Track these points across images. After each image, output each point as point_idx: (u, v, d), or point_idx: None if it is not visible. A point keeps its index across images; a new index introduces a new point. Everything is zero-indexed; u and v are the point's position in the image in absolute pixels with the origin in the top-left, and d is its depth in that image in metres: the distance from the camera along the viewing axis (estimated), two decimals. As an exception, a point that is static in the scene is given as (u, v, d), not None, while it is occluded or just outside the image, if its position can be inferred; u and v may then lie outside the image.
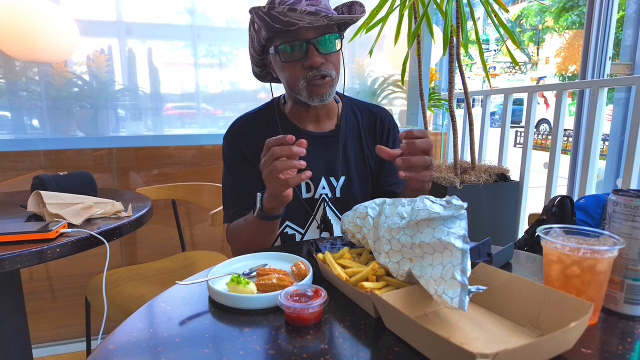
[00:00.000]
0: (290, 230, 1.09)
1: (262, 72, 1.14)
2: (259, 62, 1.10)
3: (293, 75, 0.99)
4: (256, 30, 0.99)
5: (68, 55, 1.87)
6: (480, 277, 0.64)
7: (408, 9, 1.89)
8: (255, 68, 1.13)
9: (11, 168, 1.84)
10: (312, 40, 0.95)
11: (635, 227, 0.59)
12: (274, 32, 0.96)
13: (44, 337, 1.98)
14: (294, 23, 0.91)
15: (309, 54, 0.95)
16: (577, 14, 12.48)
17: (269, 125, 1.12)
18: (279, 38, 0.97)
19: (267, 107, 1.16)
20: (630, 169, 1.51)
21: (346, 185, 1.11)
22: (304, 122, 1.11)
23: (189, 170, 2.06)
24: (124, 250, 2.04)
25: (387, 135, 1.16)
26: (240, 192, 1.10)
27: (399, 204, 0.70)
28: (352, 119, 1.15)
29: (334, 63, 1.00)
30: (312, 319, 0.58)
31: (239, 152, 1.10)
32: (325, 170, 1.10)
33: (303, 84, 0.99)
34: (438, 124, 2.88)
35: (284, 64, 0.99)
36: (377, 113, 1.17)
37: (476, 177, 1.87)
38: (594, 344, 0.53)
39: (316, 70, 0.97)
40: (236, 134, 1.12)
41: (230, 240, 1.10)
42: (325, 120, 1.12)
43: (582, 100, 2.65)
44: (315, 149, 1.09)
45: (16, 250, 0.88)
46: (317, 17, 0.90)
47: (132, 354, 0.53)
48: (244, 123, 1.13)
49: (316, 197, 1.09)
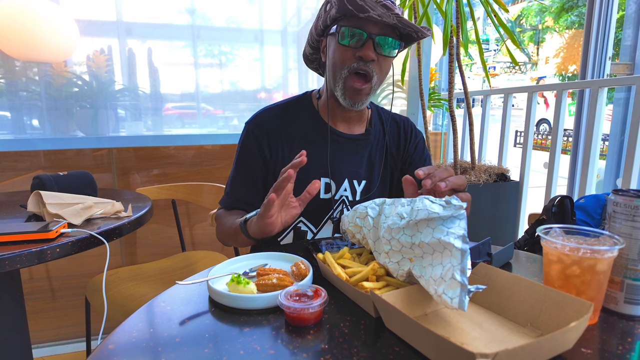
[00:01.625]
0: (304, 227, 1.09)
1: (312, 56, 1.15)
2: (314, 43, 1.10)
3: (342, 59, 0.99)
4: (327, 10, 1.00)
5: (68, 55, 1.87)
6: (480, 277, 0.64)
7: (408, 9, 1.89)
8: (308, 48, 1.13)
9: (11, 168, 1.84)
10: (373, 35, 0.95)
11: (635, 227, 0.59)
12: (343, 12, 0.96)
13: (44, 337, 1.98)
14: (366, 10, 0.92)
15: (366, 46, 0.96)
16: (576, 14, 12.48)
17: (301, 118, 1.10)
18: (345, 21, 0.97)
19: (299, 100, 1.15)
20: (630, 169, 1.51)
21: (366, 190, 1.11)
22: (335, 120, 1.10)
23: (189, 170, 2.06)
24: (124, 250, 2.04)
25: (409, 142, 1.17)
26: (238, 183, 1.10)
27: (399, 204, 0.70)
28: (379, 125, 1.16)
29: (382, 68, 1.00)
30: (312, 319, 0.58)
31: (254, 144, 1.08)
32: (349, 173, 1.10)
33: (345, 73, 0.99)
34: (438, 124, 2.88)
35: (338, 45, 0.99)
36: (401, 122, 1.19)
37: (476, 177, 1.87)
38: (594, 344, 0.53)
39: (364, 63, 0.97)
40: (259, 126, 1.09)
41: (216, 224, 1.12)
42: (356, 123, 1.12)
43: (582, 100, 2.65)
44: (343, 150, 1.10)
45: (16, 250, 0.88)
46: (389, 13, 0.91)
47: (132, 354, 0.53)
48: (271, 115, 1.11)
49: (336, 198, 1.09)
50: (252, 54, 2.20)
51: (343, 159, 1.09)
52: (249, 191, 1.09)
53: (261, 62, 2.21)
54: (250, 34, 2.17)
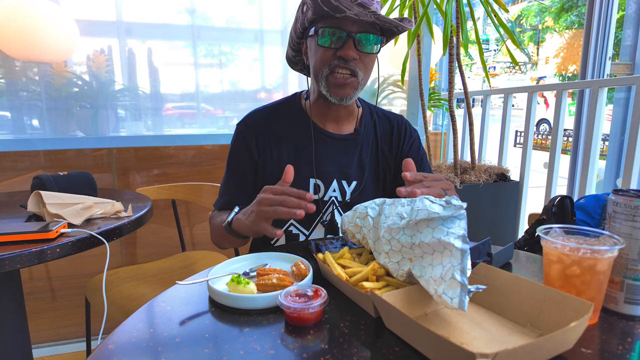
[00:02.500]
0: (295, 230, 1.08)
1: (295, 58, 1.14)
2: (295, 46, 1.10)
3: (322, 59, 0.98)
4: (303, 12, 0.99)
5: (68, 55, 1.87)
6: (480, 277, 0.64)
7: (408, 9, 1.89)
8: (290, 51, 1.13)
9: (11, 168, 1.84)
10: (353, 34, 0.95)
11: (635, 227, 0.59)
12: (319, 14, 0.96)
13: (44, 337, 1.98)
14: (342, 10, 0.91)
15: (346, 45, 0.95)
16: (576, 14, 12.48)
17: (289, 120, 1.11)
18: (323, 22, 0.97)
19: (288, 101, 1.15)
20: (630, 169, 1.51)
21: (357, 190, 1.10)
22: (324, 121, 1.10)
23: (189, 170, 2.06)
24: (124, 250, 2.04)
25: (403, 141, 1.15)
26: (230, 185, 1.11)
27: (399, 204, 0.70)
28: (370, 124, 1.14)
29: (366, 65, 1.00)
30: (312, 319, 0.58)
31: (244, 146, 1.09)
32: (338, 173, 1.09)
33: (327, 71, 0.98)
34: (438, 124, 2.88)
35: (318, 47, 0.98)
36: (395, 121, 1.17)
37: (476, 177, 1.87)
38: (594, 344, 0.53)
39: (344, 61, 0.96)
40: (248, 127, 1.10)
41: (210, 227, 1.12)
42: (345, 122, 1.12)
43: (582, 100, 2.65)
44: (331, 150, 1.09)
45: (16, 250, 0.88)
46: (365, 11, 0.90)
47: (132, 354, 0.53)
48: (260, 117, 1.12)
49: (325, 199, 1.08)
50: (252, 54, 2.20)
51: (331, 160, 1.08)
52: (241, 192, 1.09)
53: (261, 62, 2.21)
54: (250, 34, 2.17)
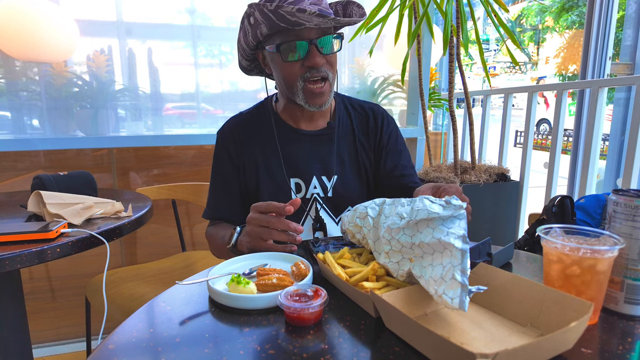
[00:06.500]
0: None
1: (251, 66, 1.14)
2: (249, 57, 1.09)
3: (292, 74, 0.98)
4: (252, 25, 0.97)
5: (68, 55, 1.87)
6: (480, 277, 0.64)
7: (408, 9, 1.89)
8: (243, 61, 1.11)
9: (11, 168, 1.84)
10: (314, 41, 0.94)
11: (635, 227, 0.59)
12: (276, 30, 0.95)
13: (44, 337, 1.98)
14: (301, 23, 0.91)
15: (311, 54, 0.95)
16: (577, 14, 12.48)
17: (262, 124, 1.12)
18: (279, 36, 0.96)
19: (260, 106, 1.16)
20: (630, 169, 1.51)
21: (339, 184, 1.10)
22: (297, 120, 1.11)
23: (189, 170, 2.06)
24: (124, 250, 2.04)
25: (381, 131, 1.14)
26: (217, 193, 1.12)
27: (399, 204, 0.70)
28: (345, 116, 1.14)
29: (332, 64, 1.00)
30: (312, 319, 0.58)
31: (225, 153, 1.10)
32: (318, 170, 1.09)
33: (301, 84, 0.98)
34: (438, 124, 2.88)
35: (283, 63, 0.97)
36: (370, 110, 1.16)
37: (476, 177, 1.87)
38: (594, 344, 0.53)
39: (316, 70, 0.96)
40: (226, 134, 1.12)
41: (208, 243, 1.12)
42: (318, 118, 1.12)
43: (582, 100, 2.65)
44: (308, 147, 1.09)
45: (16, 250, 0.88)
46: (325, 20, 0.90)
47: (132, 354, 0.53)
48: (236, 123, 1.14)
49: (307, 197, 1.08)
50: (252, 54, 2.20)
51: (308, 157, 1.08)
52: (228, 198, 1.10)
53: (261, 62, 2.21)
54: (250, 34, 2.16)
